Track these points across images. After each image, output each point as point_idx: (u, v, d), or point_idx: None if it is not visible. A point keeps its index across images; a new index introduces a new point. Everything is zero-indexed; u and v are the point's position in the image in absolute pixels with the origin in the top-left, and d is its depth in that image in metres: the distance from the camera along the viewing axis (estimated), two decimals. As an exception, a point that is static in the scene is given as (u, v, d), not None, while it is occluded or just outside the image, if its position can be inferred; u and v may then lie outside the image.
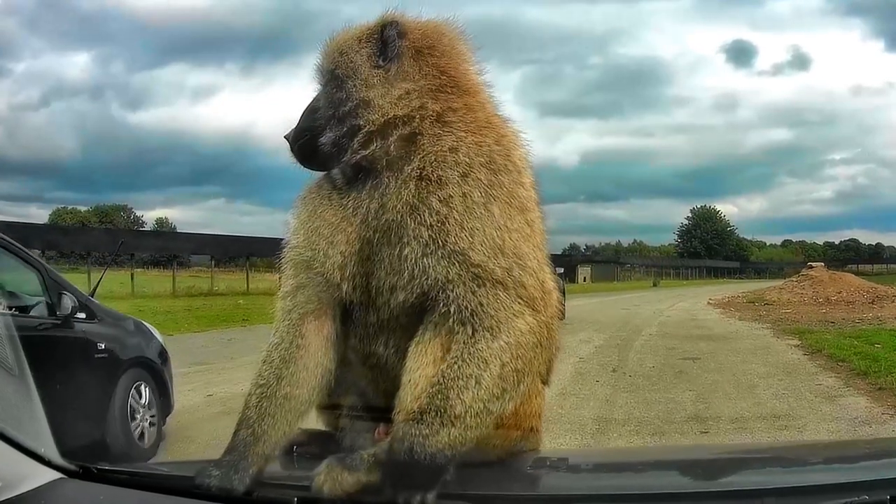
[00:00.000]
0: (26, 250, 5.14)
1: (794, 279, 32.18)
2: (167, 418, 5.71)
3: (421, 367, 1.51)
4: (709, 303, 28.28)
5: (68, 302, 4.77)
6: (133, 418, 5.20)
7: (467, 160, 1.56)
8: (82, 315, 4.95)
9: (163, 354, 5.87)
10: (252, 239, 38.08)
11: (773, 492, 1.44)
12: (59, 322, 4.74)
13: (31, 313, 4.74)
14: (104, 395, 4.93)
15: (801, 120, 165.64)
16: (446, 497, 1.43)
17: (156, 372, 5.64)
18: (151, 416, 5.45)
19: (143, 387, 5.40)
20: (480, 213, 1.53)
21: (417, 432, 1.44)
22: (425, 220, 1.52)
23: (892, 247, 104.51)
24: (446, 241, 1.51)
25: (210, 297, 27.23)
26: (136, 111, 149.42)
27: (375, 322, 1.62)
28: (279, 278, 1.74)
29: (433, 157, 1.56)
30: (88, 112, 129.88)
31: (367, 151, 1.60)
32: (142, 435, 5.30)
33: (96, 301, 5.37)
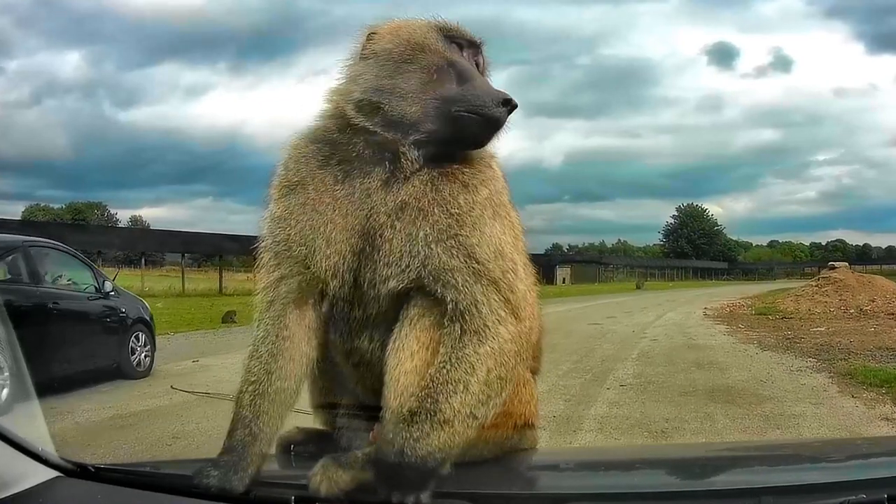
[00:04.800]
0: (82, 255, 9.93)
1: (814, 282, 25.57)
2: (154, 355, 9.68)
3: (400, 363, 1.52)
4: (706, 314, 21.51)
5: (108, 286, 9.12)
6: (133, 353, 9.20)
7: (493, 173, 1.65)
8: (113, 293, 9.18)
9: (150, 316, 9.91)
10: (191, 235, 35.32)
11: (771, 490, 1.44)
12: (102, 296, 8.97)
13: (85, 291, 8.87)
14: (123, 338, 9.09)
15: (785, 121, 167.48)
16: (443, 496, 1.44)
17: (148, 326, 9.67)
18: (146, 351, 9.45)
19: (140, 334, 9.42)
20: (490, 221, 1.59)
21: (408, 435, 1.45)
22: (450, 211, 1.56)
23: (880, 247, 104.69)
24: (459, 234, 1.55)
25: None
26: (128, 110, 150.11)
27: (360, 317, 1.63)
28: (259, 269, 1.69)
29: (471, 166, 1.63)
30: (80, 110, 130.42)
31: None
32: (139, 363, 9.30)
33: (116, 285, 9.80)
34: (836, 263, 26.14)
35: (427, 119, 1.58)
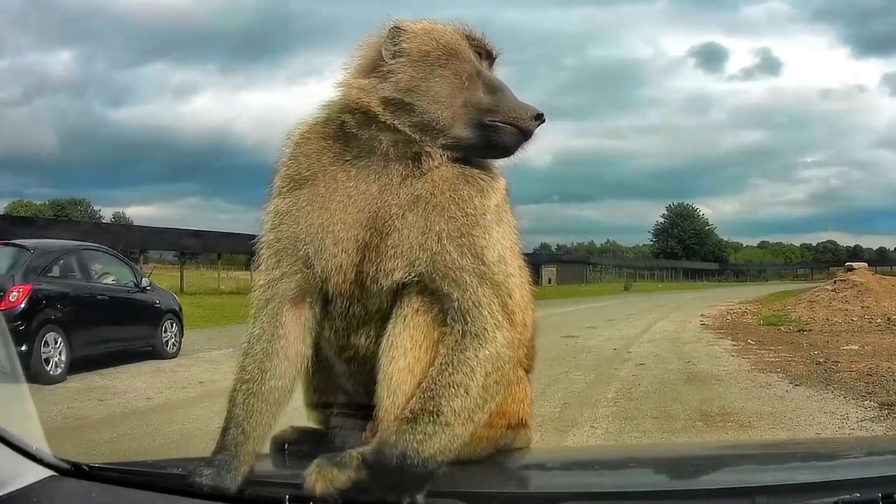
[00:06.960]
0: (124, 256, 12.55)
1: (828, 286, 21.81)
2: (181, 340, 11.53)
3: (393, 361, 1.53)
4: (703, 323, 18.22)
5: (145, 281, 11.11)
6: (165, 338, 11.13)
7: (502, 182, 1.67)
8: (149, 288, 11.12)
9: (179, 307, 11.72)
10: (149, 230, 33.64)
11: (764, 489, 1.44)
12: (140, 290, 10.91)
13: (126, 286, 10.77)
14: (156, 325, 11.04)
15: (772, 122, 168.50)
16: (437, 495, 1.44)
17: (177, 316, 11.54)
18: (176, 336, 11.37)
19: (170, 322, 11.29)
20: (496, 227, 1.61)
21: (411, 437, 1.45)
22: (466, 211, 1.57)
23: (871, 249, 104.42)
24: (472, 234, 1.56)
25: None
26: (118, 109, 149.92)
27: (358, 313, 1.62)
28: (257, 265, 1.67)
29: (486, 172, 1.65)
30: (70, 109, 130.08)
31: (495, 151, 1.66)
32: (171, 346, 11.23)
33: (152, 280, 11.67)
34: (855, 264, 22.33)
35: (457, 125, 1.60)
